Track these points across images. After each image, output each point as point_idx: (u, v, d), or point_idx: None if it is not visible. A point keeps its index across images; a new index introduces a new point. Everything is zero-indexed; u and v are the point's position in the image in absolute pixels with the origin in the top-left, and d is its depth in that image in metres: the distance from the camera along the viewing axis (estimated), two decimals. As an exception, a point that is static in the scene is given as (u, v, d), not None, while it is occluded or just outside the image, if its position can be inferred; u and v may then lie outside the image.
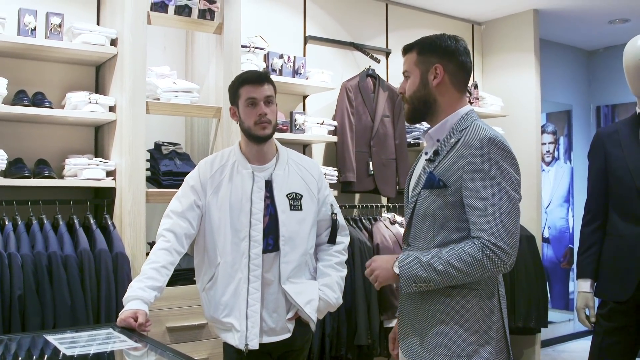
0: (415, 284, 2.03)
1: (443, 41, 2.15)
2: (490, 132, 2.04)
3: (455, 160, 2.04)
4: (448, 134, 2.12)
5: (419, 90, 2.15)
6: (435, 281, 2.01)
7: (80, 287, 3.08)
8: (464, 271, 1.96)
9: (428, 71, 2.13)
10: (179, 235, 2.58)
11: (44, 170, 3.33)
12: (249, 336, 2.50)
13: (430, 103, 2.15)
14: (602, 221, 2.99)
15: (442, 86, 2.13)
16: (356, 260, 4.10)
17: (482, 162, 1.99)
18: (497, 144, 2.01)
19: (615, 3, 5.31)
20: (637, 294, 2.79)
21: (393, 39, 5.22)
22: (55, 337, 2.24)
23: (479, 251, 1.95)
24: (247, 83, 2.63)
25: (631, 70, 2.82)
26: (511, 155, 2.04)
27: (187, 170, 3.50)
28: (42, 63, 3.60)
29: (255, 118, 2.59)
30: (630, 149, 2.86)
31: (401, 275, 2.04)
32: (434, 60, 2.13)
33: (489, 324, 2.06)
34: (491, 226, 1.95)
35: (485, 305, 2.06)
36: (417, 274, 2.02)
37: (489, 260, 1.95)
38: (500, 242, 1.95)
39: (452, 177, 2.04)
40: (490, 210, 1.96)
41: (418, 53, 2.16)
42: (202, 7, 3.69)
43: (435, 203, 2.07)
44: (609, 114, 6.86)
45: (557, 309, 6.51)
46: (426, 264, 2.01)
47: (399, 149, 4.75)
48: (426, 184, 2.09)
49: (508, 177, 2.00)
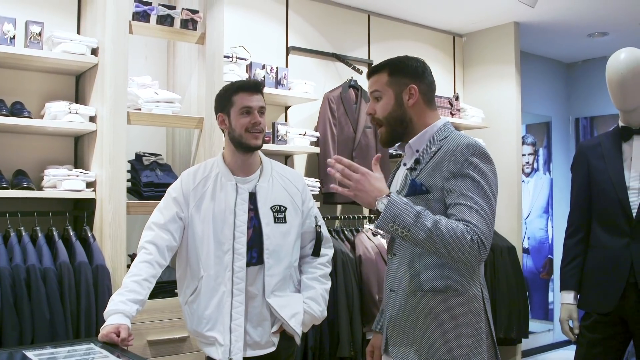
0: (392, 225, 1.94)
1: (412, 62, 2.21)
2: (471, 140, 2.11)
3: (438, 167, 2.09)
4: (428, 144, 2.16)
5: (395, 111, 2.19)
6: (414, 233, 1.93)
7: (60, 300, 3.02)
8: (446, 241, 1.93)
9: (402, 92, 2.17)
10: (160, 248, 2.54)
11: (23, 181, 3.27)
12: (233, 350, 2.47)
13: (406, 122, 2.19)
14: (585, 233, 3.00)
15: (417, 106, 2.19)
16: (338, 272, 4.09)
17: (464, 166, 2.04)
18: (479, 150, 2.07)
19: (594, 17, 5.38)
20: (620, 305, 2.80)
21: (375, 50, 5.23)
22: (34, 352, 2.19)
23: (467, 232, 1.95)
24: (243, 90, 2.60)
25: (613, 85, 2.85)
26: (491, 161, 2.10)
27: (169, 182, 3.46)
28: (21, 72, 3.54)
29: (249, 125, 2.57)
30: (613, 162, 2.88)
31: (384, 211, 1.94)
32: (407, 81, 2.18)
33: (478, 325, 2.09)
34: (476, 220, 1.97)
35: (473, 307, 2.09)
36: (402, 216, 1.93)
37: (472, 244, 1.94)
38: (483, 236, 1.97)
39: (434, 183, 2.08)
40: (474, 206, 1.99)
41: (390, 74, 2.20)
42: (184, 17, 3.67)
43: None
44: (587, 126, 6.93)
45: (537, 319, 6.54)
46: (416, 213, 1.94)
47: (381, 160, 4.74)
48: (409, 190, 2.12)
49: (488, 182, 2.05)
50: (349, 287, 4.13)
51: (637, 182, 2.81)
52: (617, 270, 2.81)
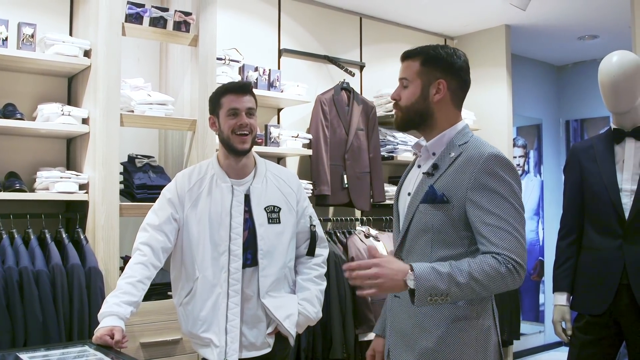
0: (430, 297, 1.85)
1: (449, 56, 2.08)
2: (494, 149, 2.01)
3: (459, 176, 1.99)
4: (446, 148, 2.06)
5: (418, 103, 2.07)
6: (454, 294, 1.87)
7: (52, 303, 3.01)
8: (485, 285, 1.88)
9: (430, 84, 2.06)
10: (155, 249, 2.54)
11: (15, 183, 3.25)
12: (229, 352, 2.47)
13: (426, 116, 2.09)
14: (577, 235, 3.00)
15: (443, 102, 2.07)
16: (331, 274, 4.09)
17: (489, 178, 1.95)
18: (503, 161, 1.98)
19: (585, 20, 5.41)
20: (613, 306, 2.81)
21: (367, 52, 5.24)
22: (27, 354, 2.18)
23: (502, 265, 1.89)
24: (230, 92, 2.60)
25: (606, 87, 2.86)
26: (515, 171, 2.01)
27: (161, 184, 3.46)
28: (13, 74, 3.53)
29: (235, 127, 2.56)
30: (606, 164, 2.89)
31: (417, 288, 1.84)
32: (438, 75, 2.06)
33: (486, 342, 2.03)
34: (507, 242, 1.91)
35: (482, 321, 2.03)
36: (436, 285, 1.84)
37: (511, 275, 1.90)
38: (518, 257, 1.91)
39: (455, 193, 1.98)
40: (504, 226, 1.92)
41: (422, 63, 2.08)
42: (177, 19, 3.66)
43: (435, 218, 2.01)
44: (578, 128, 6.97)
45: (528, 320, 6.55)
46: (446, 275, 1.86)
47: (373, 162, 4.76)
48: (426, 198, 2.02)
49: (514, 193, 1.97)
50: (341, 289, 4.14)
51: (629, 184, 2.82)
52: (610, 272, 2.82)
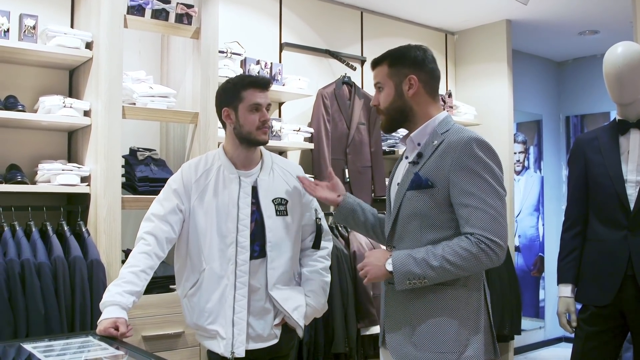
0: (409, 281, 2.04)
1: (412, 52, 2.23)
2: (474, 133, 2.13)
3: (441, 161, 2.10)
4: (429, 137, 2.19)
5: (395, 101, 2.22)
6: (430, 277, 2.03)
7: (54, 295, 2.99)
8: (459, 265, 2.01)
9: (402, 82, 2.20)
10: (160, 239, 2.51)
11: (16, 175, 3.23)
12: (235, 344, 2.45)
13: (407, 112, 2.22)
14: (582, 227, 3.00)
15: (417, 95, 2.20)
16: (333, 268, 4.05)
17: (468, 160, 2.06)
18: (483, 143, 2.10)
19: (585, 15, 5.41)
20: (618, 298, 2.81)
21: (368, 47, 5.23)
22: (31, 345, 2.17)
23: (474, 246, 2.00)
24: (254, 87, 2.57)
25: (611, 78, 2.86)
26: (495, 153, 2.13)
27: (163, 176, 3.45)
28: (15, 66, 3.51)
29: (258, 123, 2.55)
30: (610, 155, 2.89)
31: (395, 273, 2.05)
32: (407, 72, 2.20)
33: (477, 317, 2.11)
34: (483, 221, 2.01)
35: (473, 298, 2.12)
36: (412, 270, 2.03)
37: (484, 254, 2.00)
38: (493, 236, 2.01)
39: (438, 177, 2.10)
40: (480, 206, 2.02)
41: (389, 65, 2.23)
42: (179, 11, 3.65)
43: (422, 203, 2.11)
44: (578, 124, 6.96)
45: (528, 316, 6.55)
46: (421, 260, 2.03)
47: (375, 156, 4.75)
48: (412, 184, 2.14)
49: (494, 174, 2.08)
50: (343, 283, 4.12)
51: (634, 175, 2.82)
52: (615, 263, 2.82)
